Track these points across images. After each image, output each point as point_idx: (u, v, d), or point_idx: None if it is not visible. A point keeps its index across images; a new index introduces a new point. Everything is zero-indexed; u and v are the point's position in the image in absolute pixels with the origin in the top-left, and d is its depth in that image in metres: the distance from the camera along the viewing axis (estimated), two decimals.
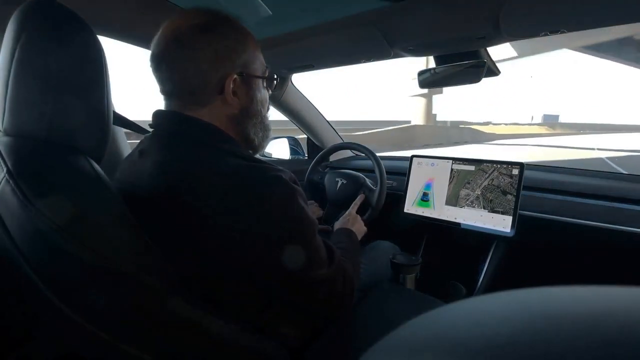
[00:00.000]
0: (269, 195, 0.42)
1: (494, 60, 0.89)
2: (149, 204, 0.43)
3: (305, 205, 0.48)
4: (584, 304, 0.12)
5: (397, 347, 0.14)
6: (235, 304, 0.46)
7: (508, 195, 0.89)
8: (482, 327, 0.12)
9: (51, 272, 0.35)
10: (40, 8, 0.38)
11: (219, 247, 0.42)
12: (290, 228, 0.44)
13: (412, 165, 1.09)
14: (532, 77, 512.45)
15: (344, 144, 1.32)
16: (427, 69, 0.93)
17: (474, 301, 0.14)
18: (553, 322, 0.11)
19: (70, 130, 0.39)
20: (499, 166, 0.93)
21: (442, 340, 0.12)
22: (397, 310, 0.64)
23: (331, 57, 0.99)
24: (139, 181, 0.47)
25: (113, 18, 0.74)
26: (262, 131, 0.54)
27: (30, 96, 0.37)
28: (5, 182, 0.34)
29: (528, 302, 0.13)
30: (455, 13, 0.67)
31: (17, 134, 0.38)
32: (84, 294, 0.35)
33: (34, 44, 0.37)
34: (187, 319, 0.38)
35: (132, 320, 0.36)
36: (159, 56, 0.46)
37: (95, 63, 0.40)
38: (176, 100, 0.49)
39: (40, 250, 0.34)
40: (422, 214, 1.03)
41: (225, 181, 0.42)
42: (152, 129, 0.50)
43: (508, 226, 0.87)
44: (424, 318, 0.14)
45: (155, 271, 0.37)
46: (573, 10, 0.60)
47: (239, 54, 0.48)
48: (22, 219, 0.33)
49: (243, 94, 0.50)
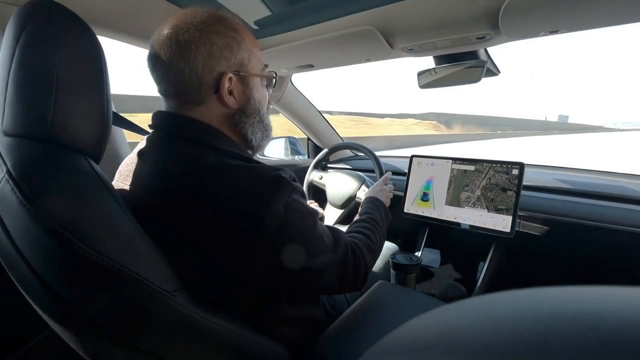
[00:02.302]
0: (269, 193, 0.42)
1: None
2: (148, 205, 0.43)
3: (305, 201, 0.48)
4: (584, 304, 0.12)
5: (397, 347, 0.14)
6: (235, 304, 0.46)
7: (508, 192, 0.90)
8: (482, 327, 0.12)
9: (50, 272, 0.35)
10: (40, 8, 0.38)
11: (220, 247, 0.41)
12: (292, 222, 0.44)
13: (411, 165, 1.09)
14: (532, 77, 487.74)
15: (344, 144, 1.32)
16: (427, 69, 0.93)
17: (473, 301, 0.14)
18: (553, 321, 0.11)
19: (70, 130, 0.39)
20: (497, 165, 0.93)
21: (442, 339, 0.12)
22: (397, 310, 0.64)
23: (331, 57, 0.99)
24: (139, 182, 0.47)
25: (113, 18, 0.74)
26: (260, 131, 0.54)
27: (30, 96, 0.37)
28: (5, 182, 0.34)
29: (527, 302, 0.13)
30: (455, 13, 0.67)
31: (17, 134, 0.38)
32: (84, 294, 0.35)
33: (34, 44, 0.37)
34: (188, 319, 0.38)
35: (132, 320, 0.36)
36: (155, 56, 0.46)
37: (95, 63, 0.40)
38: (173, 100, 0.49)
39: (40, 250, 0.34)
40: (422, 213, 1.03)
41: (225, 181, 0.42)
42: (151, 130, 0.50)
43: (508, 226, 0.87)
44: (424, 318, 0.14)
45: (156, 271, 0.37)
46: (573, 10, 0.60)
47: (235, 52, 0.48)
48: (22, 219, 0.33)
49: (240, 93, 0.50)
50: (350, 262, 0.54)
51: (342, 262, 0.52)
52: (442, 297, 0.87)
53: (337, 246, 0.52)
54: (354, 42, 0.84)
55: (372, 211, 0.73)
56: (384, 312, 0.63)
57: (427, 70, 0.93)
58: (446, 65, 0.89)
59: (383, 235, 0.70)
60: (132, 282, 0.34)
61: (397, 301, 0.67)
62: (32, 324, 0.62)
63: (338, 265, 0.52)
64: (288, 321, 0.53)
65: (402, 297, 0.69)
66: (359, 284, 0.57)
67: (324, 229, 0.52)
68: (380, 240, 0.67)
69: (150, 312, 0.36)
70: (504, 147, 14.72)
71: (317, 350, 0.54)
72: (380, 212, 0.74)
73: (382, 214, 0.74)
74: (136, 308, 0.36)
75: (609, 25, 0.65)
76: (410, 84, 9.29)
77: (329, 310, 0.69)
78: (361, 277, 0.57)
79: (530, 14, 0.62)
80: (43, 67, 0.36)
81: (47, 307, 0.37)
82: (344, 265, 0.53)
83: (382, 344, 0.14)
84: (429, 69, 0.93)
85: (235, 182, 0.43)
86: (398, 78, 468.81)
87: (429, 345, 0.12)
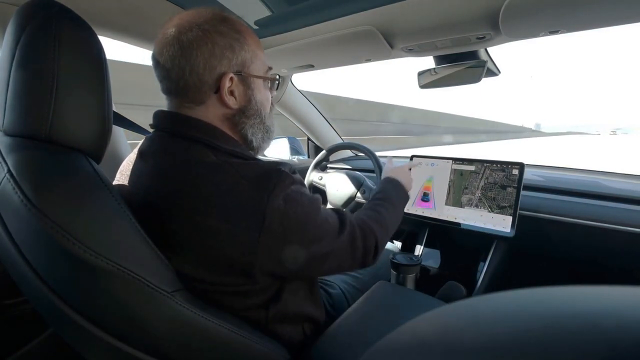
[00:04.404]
0: (271, 188, 0.42)
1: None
2: (148, 205, 0.43)
3: (306, 190, 0.48)
4: (584, 304, 0.12)
5: (398, 347, 0.14)
6: (241, 298, 0.46)
7: (508, 189, 0.90)
8: (482, 327, 0.12)
9: (51, 272, 0.35)
10: (40, 8, 0.38)
11: (222, 245, 0.41)
12: (295, 212, 0.44)
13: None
14: (532, 77, 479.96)
15: (344, 144, 1.32)
16: (427, 69, 0.93)
17: (473, 301, 0.14)
18: (553, 321, 0.11)
19: (70, 130, 0.39)
20: (497, 165, 0.93)
21: (442, 340, 0.12)
22: (397, 310, 0.64)
23: (331, 57, 0.99)
24: (139, 181, 0.47)
25: (114, 18, 0.74)
26: (261, 132, 0.54)
27: (31, 96, 0.37)
28: (5, 182, 0.34)
29: (527, 302, 0.13)
30: (455, 13, 0.67)
31: (17, 133, 0.38)
32: (84, 293, 0.35)
33: (34, 43, 0.37)
34: (188, 319, 0.38)
35: (132, 320, 0.36)
36: (158, 54, 0.47)
37: (95, 63, 0.40)
38: (174, 99, 0.49)
39: (40, 250, 0.35)
40: (422, 213, 1.03)
41: (228, 181, 0.42)
42: (152, 129, 0.50)
43: (508, 226, 0.88)
44: (424, 318, 0.14)
45: (155, 271, 0.37)
46: (573, 11, 0.60)
47: (237, 53, 0.48)
48: (22, 218, 0.33)
49: (241, 94, 0.50)
50: (359, 239, 0.54)
51: (350, 241, 0.52)
52: (442, 297, 0.87)
53: (343, 227, 0.52)
54: (354, 42, 0.84)
55: (388, 190, 0.72)
56: (384, 312, 0.63)
57: (427, 70, 0.93)
58: (446, 65, 0.89)
59: (398, 213, 0.69)
60: (132, 283, 0.34)
61: (397, 301, 0.67)
62: (32, 324, 0.62)
63: (346, 245, 0.52)
64: (288, 321, 0.53)
65: (402, 297, 0.69)
66: (370, 258, 0.57)
67: (328, 212, 0.52)
68: (393, 215, 0.66)
69: (150, 312, 0.37)
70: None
71: (317, 350, 0.54)
72: (397, 192, 0.73)
73: (399, 193, 0.73)
74: (136, 308, 0.36)
75: (609, 25, 0.65)
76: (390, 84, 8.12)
77: (329, 310, 0.69)
78: (372, 252, 0.57)
79: (530, 14, 0.62)
80: (43, 67, 0.36)
81: (47, 307, 0.37)
82: (352, 243, 0.53)
83: (382, 344, 0.14)
84: (429, 69, 0.93)
85: (236, 180, 0.43)
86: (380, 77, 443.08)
87: (429, 345, 0.12)
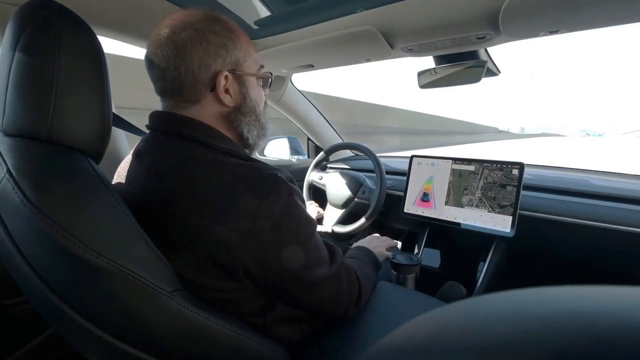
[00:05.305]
0: (265, 193, 0.42)
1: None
2: (146, 204, 0.43)
3: (302, 204, 0.48)
4: (584, 304, 0.12)
5: (397, 347, 0.14)
6: (235, 304, 0.46)
7: (508, 187, 0.90)
8: (482, 327, 0.12)
9: (51, 272, 0.35)
10: (39, 8, 0.38)
11: (218, 247, 0.41)
12: (288, 226, 0.44)
13: (412, 165, 1.09)
14: (532, 77, 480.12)
15: (344, 144, 1.32)
16: (426, 69, 0.93)
17: (473, 301, 0.14)
18: (552, 322, 0.11)
19: (70, 130, 0.39)
20: (496, 165, 0.93)
21: (442, 340, 0.12)
22: (397, 310, 0.64)
23: (331, 57, 0.99)
24: (136, 182, 0.47)
25: (113, 18, 0.74)
26: (256, 129, 0.55)
27: (31, 96, 0.37)
28: (5, 182, 0.34)
29: (527, 302, 0.13)
30: (455, 13, 0.67)
31: (17, 133, 0.38)
32: (84, 293, 0.35)
33: (33, 44, 0.37)
34: (187, 319, 0.38)
35: (132, 321, 0.36)
36: (152, 55, 0.47)
37: (95, 63, 0.40)
38: (169, 99, 0.49)
39: (40, 250, 0.35)
40: (422, 213, 1.03)
41: (222, 181, 0.42)
42: (148, 130, 0.50)
43: (508, 226, 0.88)
44: (424, 318, 0.14)
45: (155, 271, 0.37)
46: (573, 11, 0.60)
47: (231, 51, 0.48)
48: (22, 218, 0.33)
49: (236, 92, 0.50)
50: (344, 280, 0.53)
51: (336, 279, 0.51)
52: (442, 297, 0.87)
53: (333, 262, 0.51)
54: (354, 42, 0.84)
55: (358, 254, 0.71)
56: (384, 312, 0.63)
57: (427, 70, 0.93)
58: (446, 65, 0.89)
59: (370, 276, 0.66)
60: (132, 282, 0.34)
61: (397, 301, 0.67)
62: (32, 324, 0.62)
63: (332, 282, 0.51)
64: (288, 321, 0.53)
65: (402, 297, 0.69)
66: (352, 307, 0.56)
67: (321, 241, 0.51)
68: (370, 275, 0.66)
69: (150, 312, 0.36)
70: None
71: (317, 350, 0.54)
72: (367, 257, 0.72)
73: (369, 259, 0.72)
74: (136, 308, 0.36)
75: (609, 25, 0.65)
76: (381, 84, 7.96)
77: None
78: (354, 300, 0.56)
79: (530, 14, 0.62)
80: (43, 67, 0.36)
81: (47, 307, 0.37)
82: (338, 282, 0.52)
83: (382, 344, 0.14)
84: (429, 69, 0.93)
85: (230, 180, 0.43)
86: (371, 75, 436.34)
87: (429, 345, 0.12)
